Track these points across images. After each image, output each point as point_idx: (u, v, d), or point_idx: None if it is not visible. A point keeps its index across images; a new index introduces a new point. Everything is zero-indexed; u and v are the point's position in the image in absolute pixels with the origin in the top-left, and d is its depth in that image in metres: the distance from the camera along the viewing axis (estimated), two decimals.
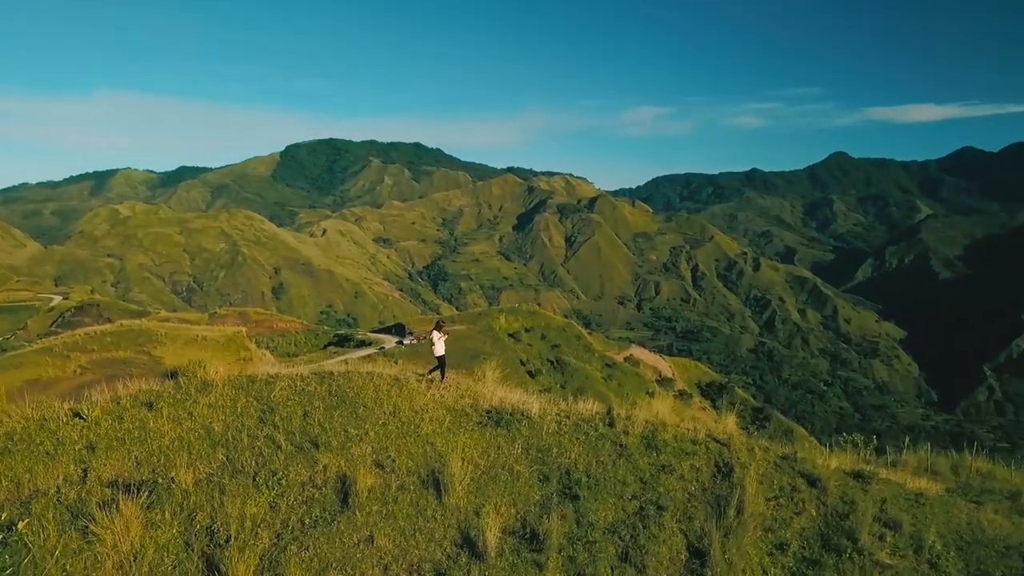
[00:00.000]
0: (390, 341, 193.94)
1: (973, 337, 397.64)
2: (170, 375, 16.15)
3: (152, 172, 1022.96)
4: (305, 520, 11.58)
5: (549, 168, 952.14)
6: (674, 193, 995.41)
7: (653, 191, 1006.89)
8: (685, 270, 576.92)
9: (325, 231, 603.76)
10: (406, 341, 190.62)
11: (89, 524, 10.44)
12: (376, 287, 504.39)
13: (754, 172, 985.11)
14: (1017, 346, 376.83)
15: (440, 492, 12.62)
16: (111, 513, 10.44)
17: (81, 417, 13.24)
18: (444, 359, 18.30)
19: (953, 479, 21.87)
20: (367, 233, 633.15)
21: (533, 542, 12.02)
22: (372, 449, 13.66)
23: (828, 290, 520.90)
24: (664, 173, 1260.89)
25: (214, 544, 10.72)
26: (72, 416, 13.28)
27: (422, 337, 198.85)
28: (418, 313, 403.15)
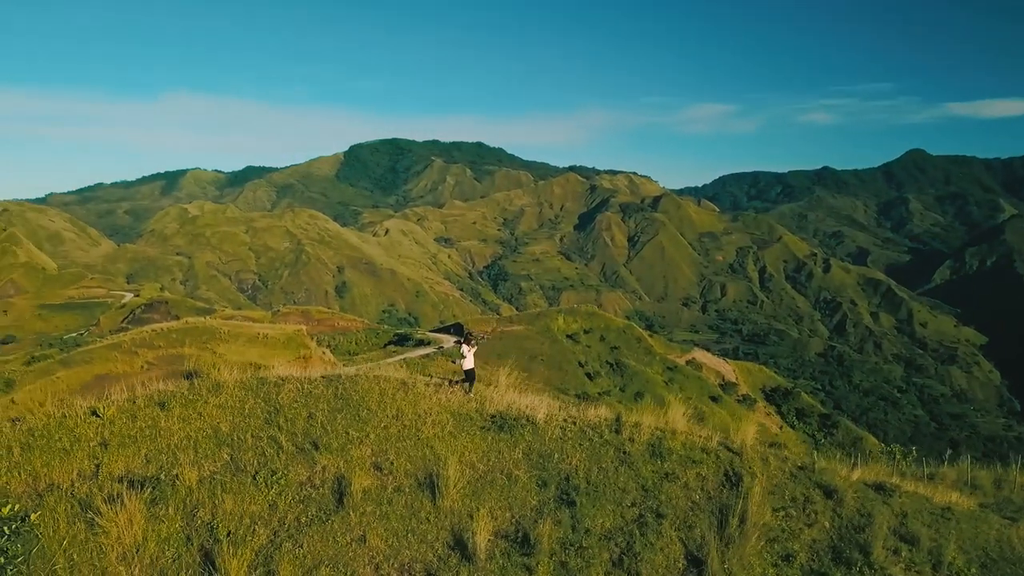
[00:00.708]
0: (448, 341, 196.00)
1: None
2: (187, 376, 16.96)
3: (220, 172, 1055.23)
4: (301, 519, 12.11)
5: (612, 166, 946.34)
6: (741, 192, 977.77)
7: (719, 190, 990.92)
8: (752, 271, 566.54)
9: (388, 231, 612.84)
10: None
11: (95, 517, 11.17)
12: (437, 286, 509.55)
13: (825, 170, 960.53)
14: None
15: (435, 495, 13.00)
16: (116, 507, 11.17)
17: (97, 415, 14.09)
18: (474, 372, 18.61)
19: (994, 493, 21.25)
20: (429, 233, 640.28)
21: (525, 546, 12.30)
22: (372, 451, 14.14)
23: (903, 293, 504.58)
24: (731, 171, 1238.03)
25: (213, 539, 11.32)
26: (90, 414, 14.14)
27: (481, 337, 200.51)
28: (478, 313, 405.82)
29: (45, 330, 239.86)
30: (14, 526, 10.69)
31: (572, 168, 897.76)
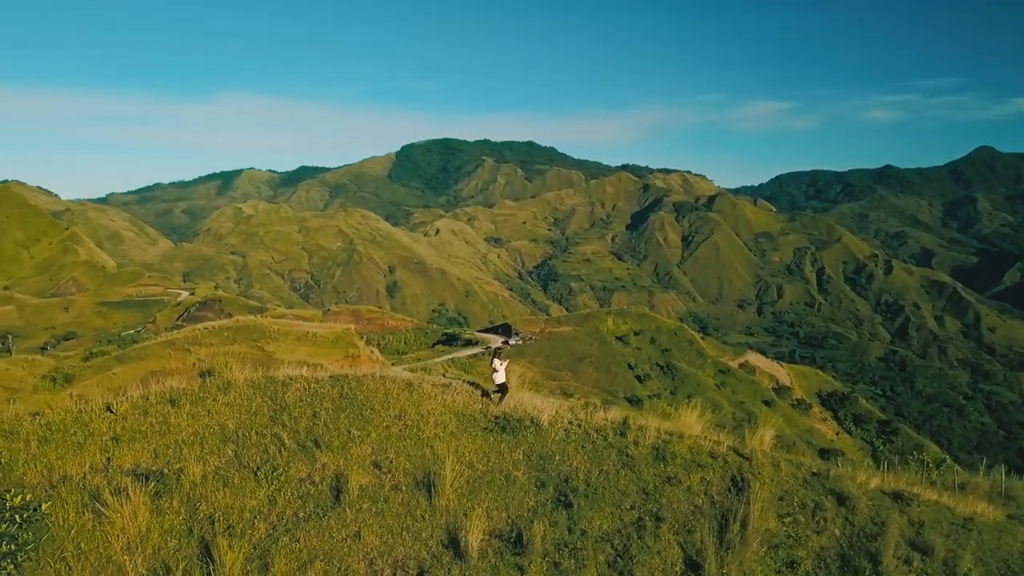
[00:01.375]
0: (496, 341, 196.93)
1: None
2: (202, 375, 17.61)
3: (274, 172, 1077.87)
4: (299, 514, 12.54)
5: (665, 165, 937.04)
6: (799, 191, 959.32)
7: (776, 189, 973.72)
8: (810, 272, 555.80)
9: (438, 230, 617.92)
10: (512, 341, 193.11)
11: (102, 508, 11.77)
12: (487, 286, 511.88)
13: (888, 169, 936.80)
14: None
15: (431, 493, 13.30)
16: (121, 499, 11.76)
17: (111, 411, 14.78)
18: (506, 386, 18.87)
19: None
20: (479, 233, 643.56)
21: (518, 546, 12.52)
22: (372, 450, 14.52)
23: (970, 296, 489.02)
24: (788, 170, 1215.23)
25: (214, 532, 11.82)
26: (104, 410, 14.84)
27: (528, 338, 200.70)
28: (527, 313, 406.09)
29: (104, 327, 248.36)
30: (25, 515, 11.36)
31: (624, 167, 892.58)
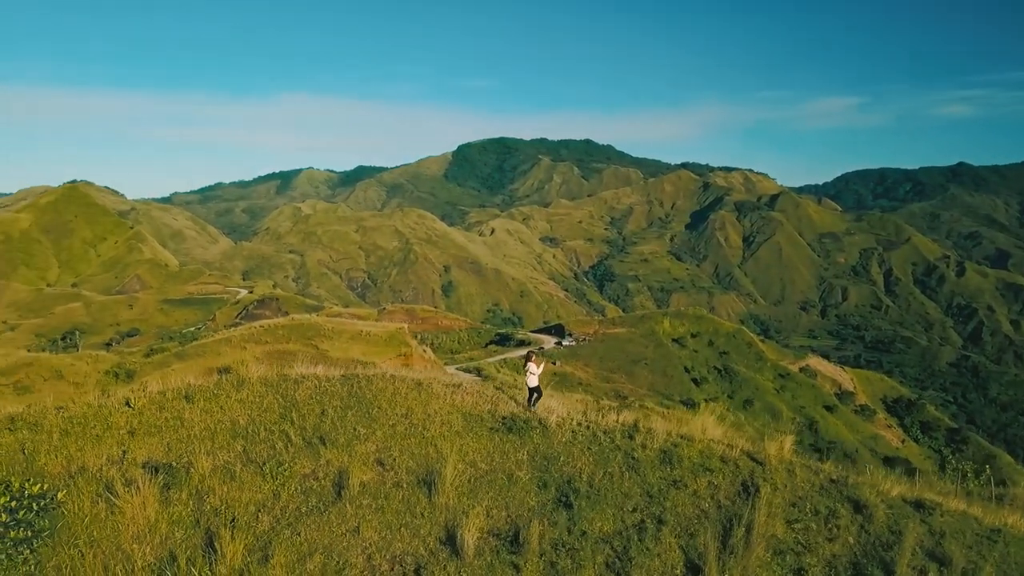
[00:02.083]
0: (549, 341, 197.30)
1: None
2: (221, 372, 18.32)
3: (332, 172, 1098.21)
4: (302, 508, 13.02)
5: (726, 163, 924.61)
6: (866, 190, 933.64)
7: (842, 188, 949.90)
8: (877, 274, 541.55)
9: (493, 230, 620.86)
10: (565, 342, 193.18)
11: (113, 499, 12.45)
12: (541, 286, 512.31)
13: (961, 166, 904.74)
14: None
15: (431, 491, 13.66)
16: (132, 490, 12.42)
17: (130, 406, 15.54)
18: (539, 388, 19.14)
19: None
20: (534, 232, 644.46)
21: (515, 545, 12.78)
22: (376, 448, 14.94)
23: None
24: (855, 168, 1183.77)
25: (219, 523, 12.38)
26: (123, 404, 15.60)
27: (582, 339, 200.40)
28: (583, 314, 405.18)
29: (166, 324, 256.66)
30: (42, 503, 12.11)
31: (684, 165, 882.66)
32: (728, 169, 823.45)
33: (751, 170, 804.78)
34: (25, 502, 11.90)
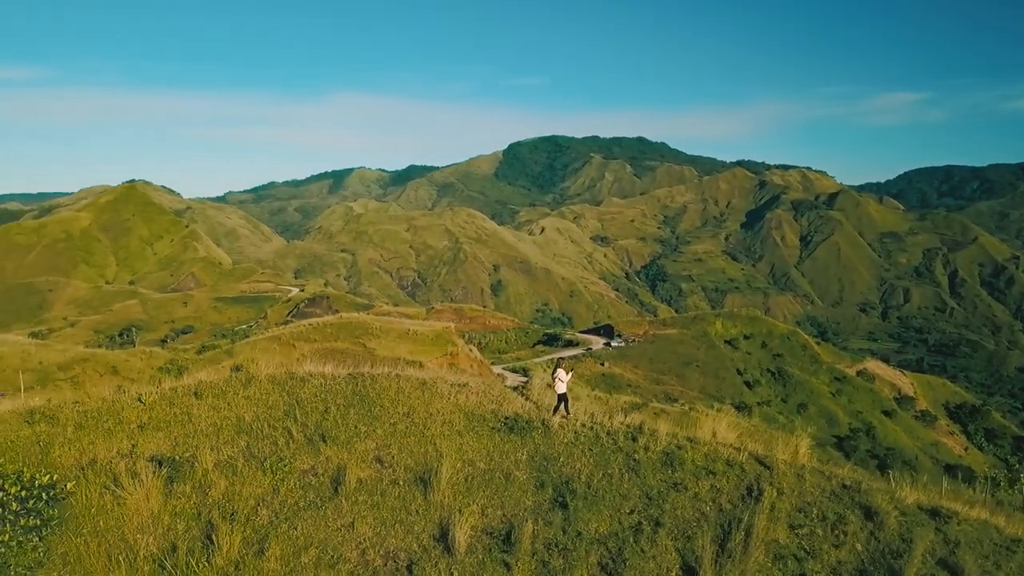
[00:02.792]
0: (598, 342, 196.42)
1: None
2: (234, 369, 18.87)
3: (384, 171, 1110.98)
4: (300, 503, 13.44)
5: (783, 161, 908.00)
6: (930, 188, 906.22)
7: (905, 186, 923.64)
8: (941, 275, 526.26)
9: (543, 229, 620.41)
10: (614, 343, 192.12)
11: (118, 491, 13.03)
12: (592, 286, 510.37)
13: None
14: None
15: (428, 489, 13.94)
16: (137, 483, 12.99)
17: (141, 401, 16.17)
18: (566, 396, 19.34)
19: None
20: (585, 231, 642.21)
21: (507, 544, 12.98)
22: (376, 445, 15.28)
23: None
24: (918, 166, 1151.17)
25: (220, 516, 12.86)
26: (135, 400, 16.24)
27: (631, 340, 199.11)
28: (634, 314, 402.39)
29: (219, 321, 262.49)
30: (52, 493, 12.76)
31: (740, 163, 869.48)
32: (785, 167, 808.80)
33: (809, 168, 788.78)
34: (35, 492, 12.55)
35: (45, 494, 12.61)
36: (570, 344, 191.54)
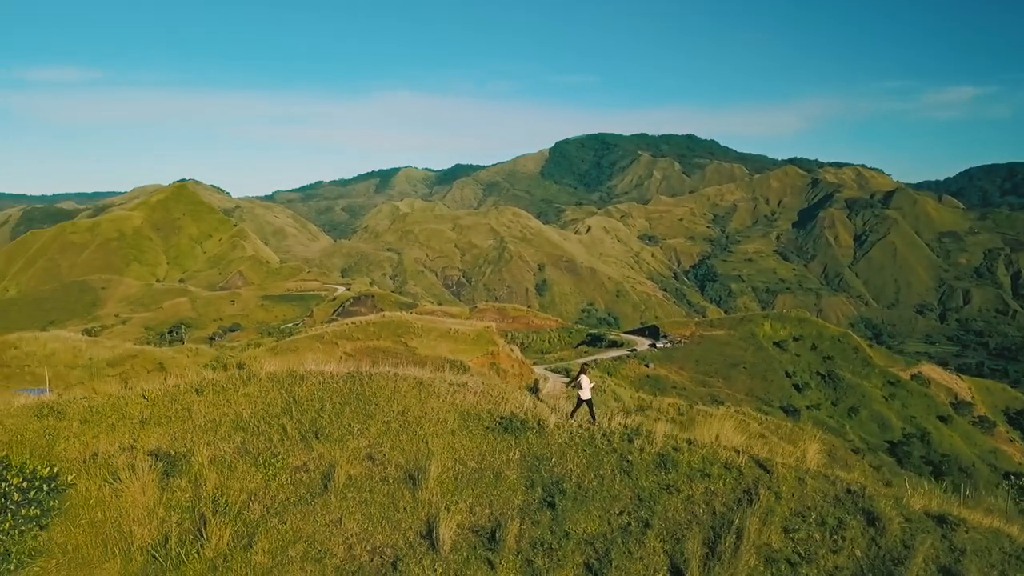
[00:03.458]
0: (643, 343, 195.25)
1: None
2: (238, 367, 19.36)
3: (430, 170, 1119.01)
4: (291, 498, 13.80)
5: (837, 159, 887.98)
6: (993, 186, 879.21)
7: (965, 184, 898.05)
8: (1003, 276, 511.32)
9: (589, 228, 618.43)
10: (659, 344, 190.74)
11: (117, 484, 13.55)
12: (639, 286, 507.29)
13: None
14: None
15: (417, 487, 14.19)
16: (133, 476, 13.50)
17: (145, 398, 16.73)
18: (591, 402, 19.54)
19: None
20: (632, 230, 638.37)
21: (493, 542, 13.17)
22: (368, 443, 15.57)
23: None
24: (980, 163, 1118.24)
25: (212, 510, 13.29)
26: (139, 396, 16.81)
27: (677, 341, 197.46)
28: (682, 315, 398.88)
29: (266, 319, 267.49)
30: (53, 485, 13.32)
31: (792, 160, 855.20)
32: (839, 165, 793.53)
33: (864, 165, 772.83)
34: (36, 483, 13.12)
35: (46, 485, 13.17)
36: (614, 345, 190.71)
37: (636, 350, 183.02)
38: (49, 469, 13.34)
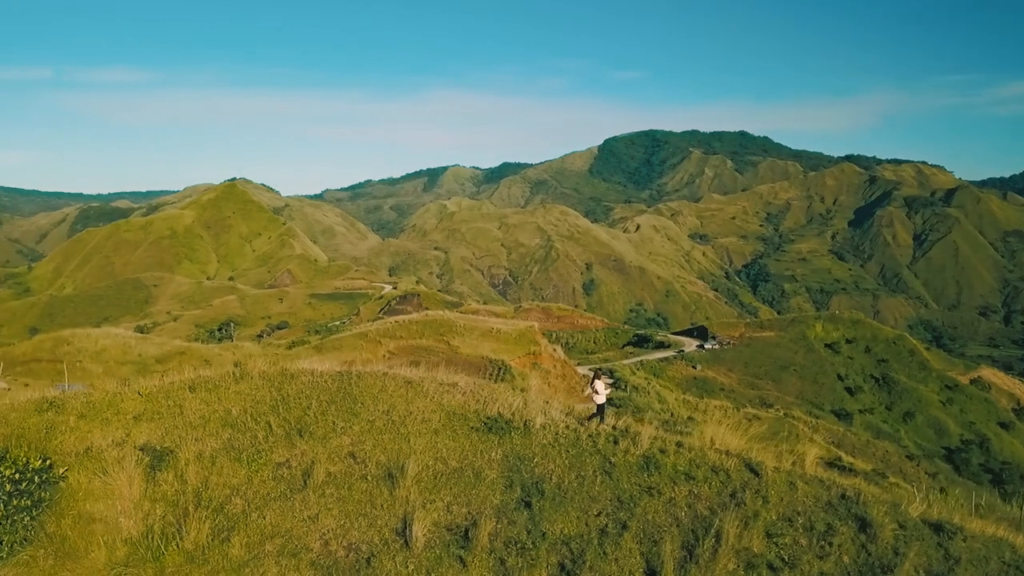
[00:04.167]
0: (691, 344, 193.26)
1: None
2: (235, 365, 19.86)
3: (478, 169, 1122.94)
4: (271, 494, 14.19)
5: (895, 155, 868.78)
6: None
7: None
8: None
9: (639, 227, 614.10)
10: (707, 345, 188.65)
11: (106, 477, 14.11)
12: (689, 286, 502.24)
13: None
14: None
15: (395, 485, 14.45)
16: (121, 470, 14.04)
17: (140, 394, 17.31)
18: (604, 407, 19.66)
19: None
20: (682, 229, 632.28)
21: (466, 540, 13.36)
22: (351, 441, 15.88)
23: None
24: None
25: (195, 504, 13.75)
26: (135, 393, 17.40)
27: (726, 343, 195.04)
28: (733, 315, 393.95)
29: (314, 317, 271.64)
30: (44, 477, 13.93)
31: (848, 157, 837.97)
32: (897, 162, 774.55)
33: (924, 162, 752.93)
34: (28, 475, 13.74)
35: (38, 477, 13.78)
36: (661, 346, 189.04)
37: (683, 351, 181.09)
38: (42, 462, 13.95)
